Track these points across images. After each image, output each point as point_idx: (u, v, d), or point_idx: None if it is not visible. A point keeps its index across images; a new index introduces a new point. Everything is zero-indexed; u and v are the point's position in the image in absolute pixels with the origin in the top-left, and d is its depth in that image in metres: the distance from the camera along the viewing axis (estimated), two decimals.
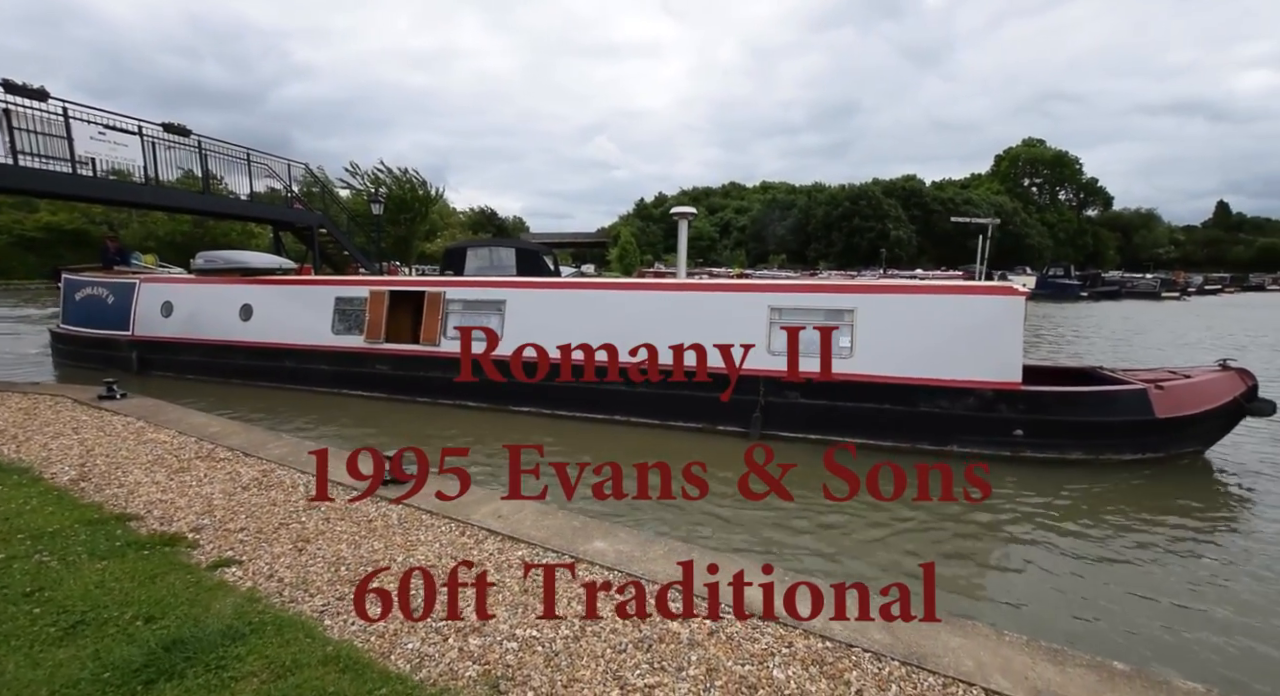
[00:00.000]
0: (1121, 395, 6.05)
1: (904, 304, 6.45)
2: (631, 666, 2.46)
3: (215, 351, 9.70)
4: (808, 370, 6.48)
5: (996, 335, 6.06)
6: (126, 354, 10.33)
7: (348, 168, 29.81)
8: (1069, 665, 2.52)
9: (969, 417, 6.09)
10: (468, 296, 8.30)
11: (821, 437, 6.53)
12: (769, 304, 6.77)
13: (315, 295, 9.17)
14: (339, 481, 4.47)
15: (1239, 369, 6.37)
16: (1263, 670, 3.06)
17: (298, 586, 3.02)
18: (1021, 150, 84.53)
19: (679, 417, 7.11)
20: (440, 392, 8.24)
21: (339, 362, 8.80)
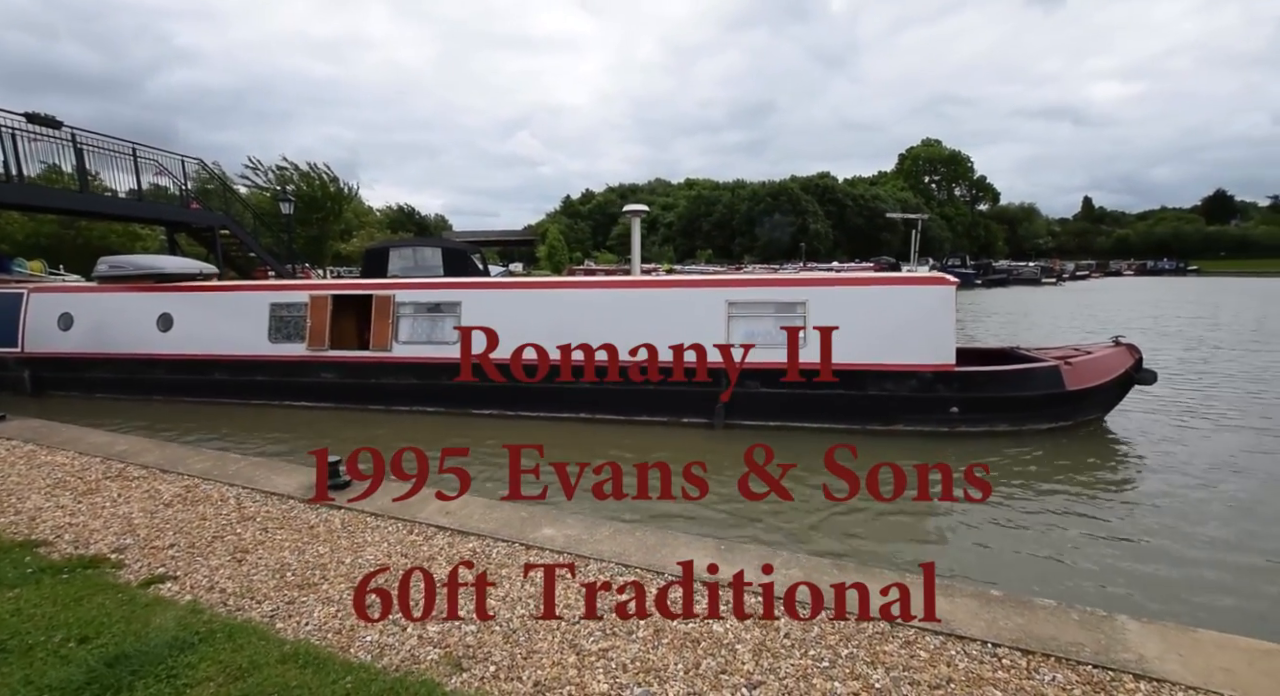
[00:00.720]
0: (1038, 372, 6.67)
1: (851, 295, 6.81)
2: (585, 635, 2.66)
3: (130, 366, 8.78)
4: (768, 361, 6.74)
5: (933, 321, 6.55)
6: (16, 373, 9.14)
7: (248, 163, 27.66)
8: (956, 596, 2.97)
9: (912, 398, 6.56)
10: (420, 299, 7.98)
11: (781, 424, 6.85)
12: (726, 298, 6.99)
13: (247, 301, 8.51)
14: (273, 491, 4.35)
15: (1128, 344, 7.24)
16: (1136, 581, 3.76)
17: (243, 595, 2.99)
18: (921, 150, 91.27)
19: (644, 412, 7.21)
20: (394, 400, 7.94)
21: (278, 373, 8.26)
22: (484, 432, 7.00)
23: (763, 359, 6.80)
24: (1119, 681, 2.34)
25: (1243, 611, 3.44)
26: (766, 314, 6.93)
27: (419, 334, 7.93)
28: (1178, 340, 14.73)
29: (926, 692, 2.28)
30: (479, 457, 6.15)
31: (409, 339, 7.89)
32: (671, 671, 2.41)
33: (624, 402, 7.25)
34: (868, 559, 3.90)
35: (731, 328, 6.94)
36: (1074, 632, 2.64)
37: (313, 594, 3.01)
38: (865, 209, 70.75)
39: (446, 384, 7.68)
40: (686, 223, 75.96)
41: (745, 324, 6.95)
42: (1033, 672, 2.40)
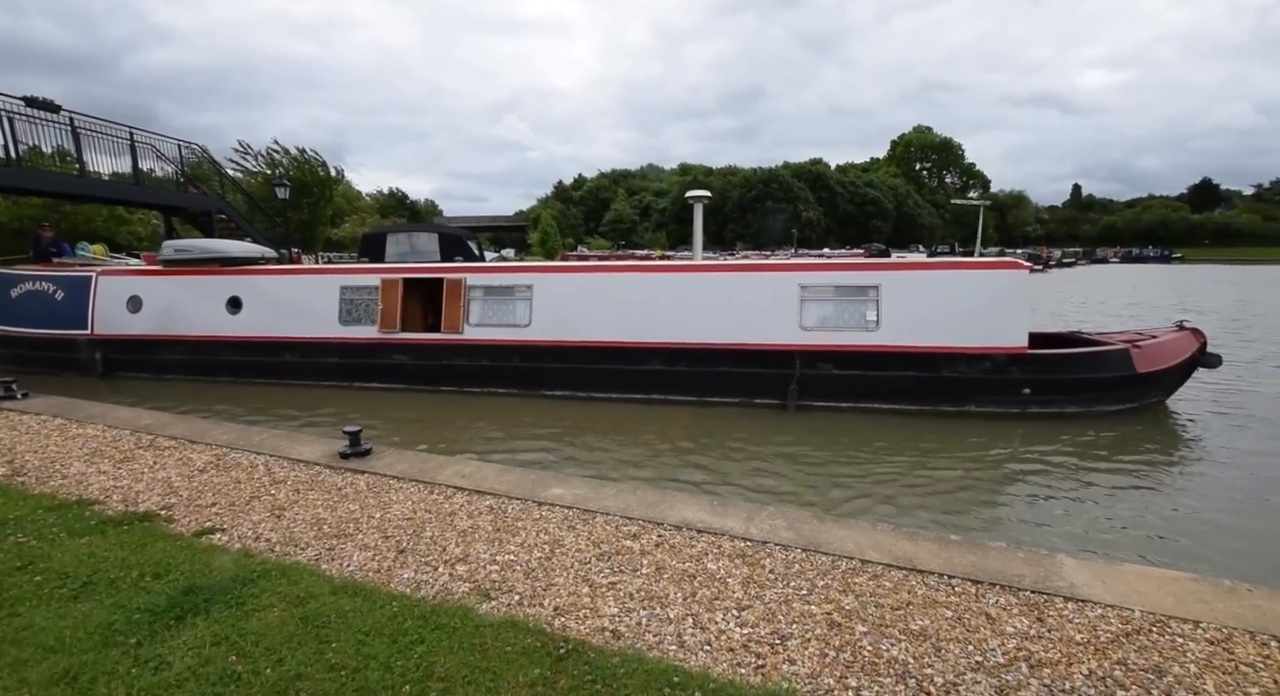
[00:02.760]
0: (1110, 354, 6.82)
1: (924, 279, 6.96)
2: (596, 572, 3.04)
3: (199, 348, 8.93)
4: (841, 344, 6.96)
5: (1006, 305, 6.72)
6: (87, 355, 9.29)
7: (237, 147, 27.44)
8: (920, 540, 3.39)
9: (985, 380, 6.76)
10: (491, 282, 8.13)
11: (853, 405, 7.08)
12: (799, 282, 7.20)
13: (318, 284, 8.64)
14: (299, 459, 4.69)
15: (1193, 328, 7.41)
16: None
17: (287, 544, 3.34)
18: (914, 136, 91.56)
19: (717, 393, 7.41)
20: (466, 381, 8.10)
21: (349, 355, 8.41)
22: (554, 412, 7.27)
23: (835, 341, 7.00)
24: (1051, 603, 2.76)
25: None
26: (839, 297, 7.08)
27: (491, 316, 8.07)
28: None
29: (889, 612, 2.69)
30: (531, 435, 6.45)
31: (480, 321, 8.05)
32: (672, 599, 2.80)
33: (697, 384, 7.43)
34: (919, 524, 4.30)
35: (804, 311, 7.14)
36: (1019, 567, 3.06)
37: (349, 542, 3.37)
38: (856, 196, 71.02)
39: (518, 365, 7.87)
40: (680, 208, 75.87)
41: (817, 307, 7.14)
42: (980, 597, 2.81)
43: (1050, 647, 2.43)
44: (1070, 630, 2.54)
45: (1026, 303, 6.86)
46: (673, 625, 2.59)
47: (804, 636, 2.51)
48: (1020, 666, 2.32)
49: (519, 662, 2.28)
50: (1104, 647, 2.42)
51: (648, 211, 79.65)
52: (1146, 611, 2.65)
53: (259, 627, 2.47)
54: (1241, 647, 2.41)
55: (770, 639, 2.49)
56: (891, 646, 2.44)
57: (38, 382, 8.30)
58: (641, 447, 6.12)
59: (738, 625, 2.59)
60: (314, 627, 2.47)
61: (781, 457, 5.81)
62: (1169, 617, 2.61)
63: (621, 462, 5.74)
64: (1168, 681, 2.23)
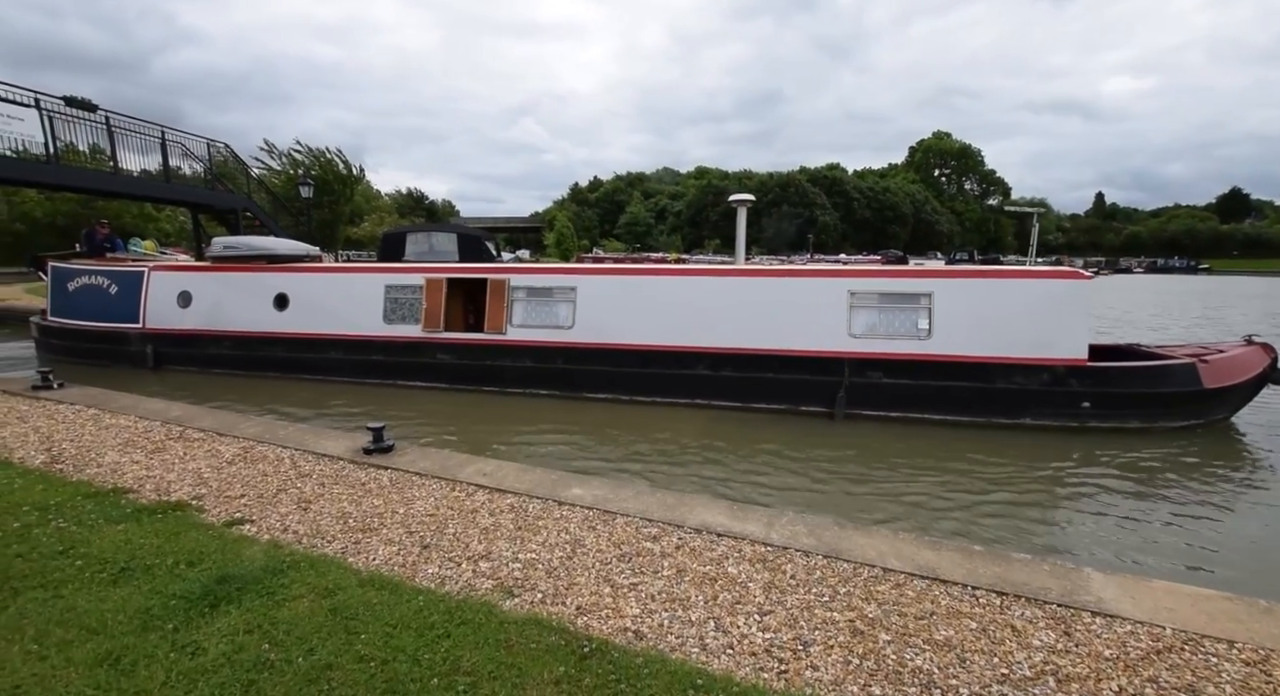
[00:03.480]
0: (1175, 369, 6.56)
1: (979, 287, 6.77)
2: (617, 573, 3.06)
3: (247, 343, 9.11)
4: (891, 352, 6.81)
5: (1066, 315, 6.52)
6: (139, 348, 9.56)
7: (263, 146, 28.02)
8: (943, 550, 3.36)
9: (1042, 392, 6.53)
10: (535, 283, 8.13)
11: (903, 415, 6.92)
12: (849, 289, 7.06)
13: (363, 283, 8.75)
14: (324, 453, 4.77)
15: (1263, 343, 7.08)
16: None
17: (314, 536, 3.40)
18: (932, 142, 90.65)
19: (762, 400, 7.28)
20: (509, 382, 8.12)
21: (393, 353, 8.50)
22: (590, 415, 7.27)
23: (886, 349, 6.86)
24: (1078, 616, 2.72)
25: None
26: (890, 304, 6.95)
27: (534, 318, 8.07)
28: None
29: (912, 621, 2.67)
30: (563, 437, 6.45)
31: (523, 322, 8.05)
32: (694, 601, 2.81)
33: (742, 389, 7.33)
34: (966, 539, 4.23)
35: (853, 317, 7.01)
36: (1044, 579, 3.02)
37: (374, 536, 3.42)
38: (873, 201, 70.47)
39: (561, 367, 7.86)
40: (695, 212, 75.86)
41: (867, 314, 7.00)
42: (1005, 609, 2.78)
43: (1078, 662, 2.40)
44: (1099, 645, 2.51)
45: (1088, 313, 6.63)
46: (695, 627, 2.60)
47: (827, 643, 2.50)
48: (1048, 680, 2.30)
49: (544, 660, 2.31)
50: (1134, 664, 2.39)
51: (663, 214, 79.76)
52: (1178, 629, 2.61)
53: (290, 617, 2.52)
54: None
55: (793, 644, 2.49)
56: (916, 656, 2.43)
57: (88, 374, 8.65)
58: (679, 451, 6.10)
59: (760, 629, 2.59)
60: (343, 619, 2.52)
61: (825, 464, 5.74)
62: (1202, 636, 2.56)
63: (660, 464, 5.72)
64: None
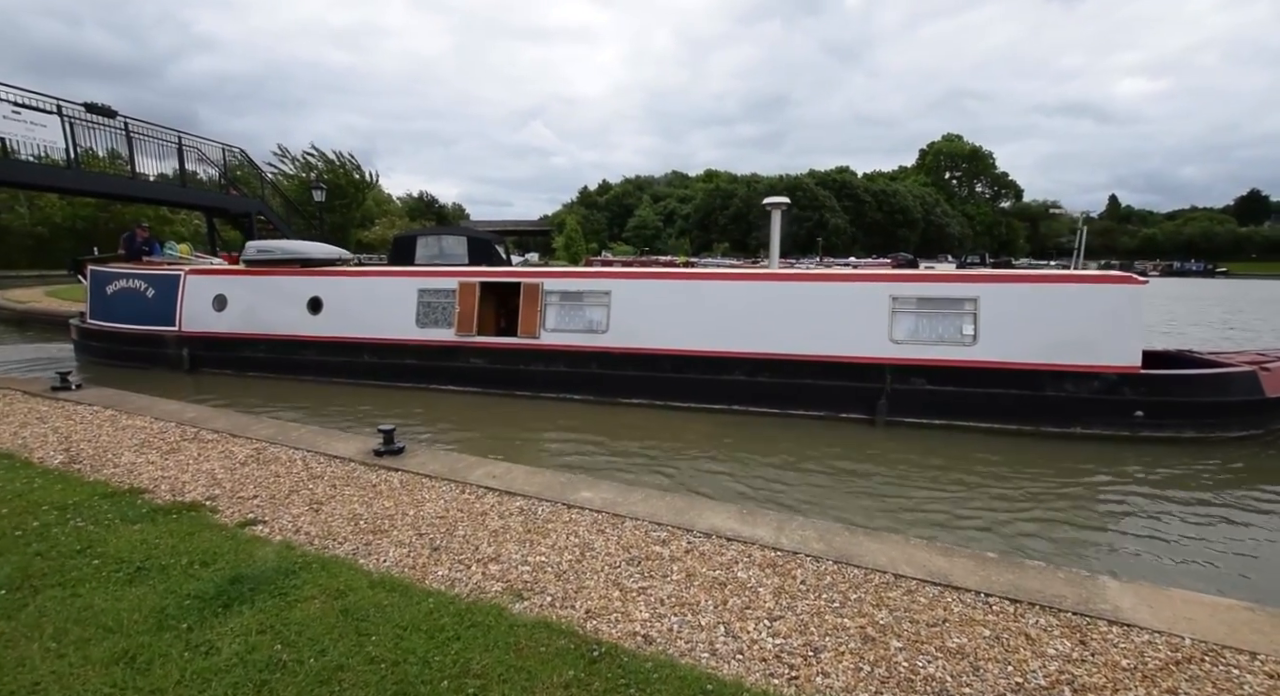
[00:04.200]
0: (1234, 377, 6.34)
1: (1028, 293, 6.60)
2: (626, 576, 3.06)
3: (281, 347, 9.21)
4: (934, 358, 6.70)
5: (1119, 321, 6.35)
6: (175, 351, 9.71)
7: (276, 150, 28.42)
8: (955, 556, 3.32)
9: (1094, 401, 6.38)
10: (569, 287, 8.10)
11: (946, 423, 6.78)
12: (890, 293, 6.93)
13: (396, 287, 8.80)
14: (335, 455, 4.81)
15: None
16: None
17: (325, 537, 3.43)
18: (943, 145, 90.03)
19: (801, 406, 7.21)
20: (542, 386, 8.11)
21: (426, 357, 8.54)
22: (624, 420, 7.22)
23: (929, 355, 6.73)
24: (1094, 625, 2.68)
25: None
26: (933, 309, 6.82)
27: (567, 322, 8.05)
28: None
29: (924, 628, 2.64)
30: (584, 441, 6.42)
31: (556, 327, 8.05)
32: (703, 606, 2.80)
33: (780, 396, 7.24)
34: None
35: (895, 323, 6.88)
36: (1059, 587, 2.98)
37: (385, 538, 3.44)
38: (884, 204, 70.11)
39: (596, 372, 7.83)
40: (703, 216, 75.86)
41: (910, 319, 6.88)
42: (1019, 617, 2.75)
43: (1094, 672, 2.36)
44: (1115, 655, 2.47)
45: (1140, 319, 6.49)
46: (704, 632, 2.59)
47: (837, 649, 2.48)
48: (1063, 690, 2.26)
49: (553, 663, 2.31)
50: (1152, 675, 2.34)
51: (671, 218, 79.81)
52: (1198, 639, 2.56)
53: (302, 618, 2.54)
54: None
55: (803, 650, 2.47)
56: (928, 663, 2.40)
57: (125, 377, 8.91)
58: (724, 458, 6.07)
59: (770, 635, 2.58)
60: (354, 620, 2.54)
61: (871, 469, 5.66)
62: (1222, 647, 2.51)
63: (704, 473, 5.64)
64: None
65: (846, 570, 3.15)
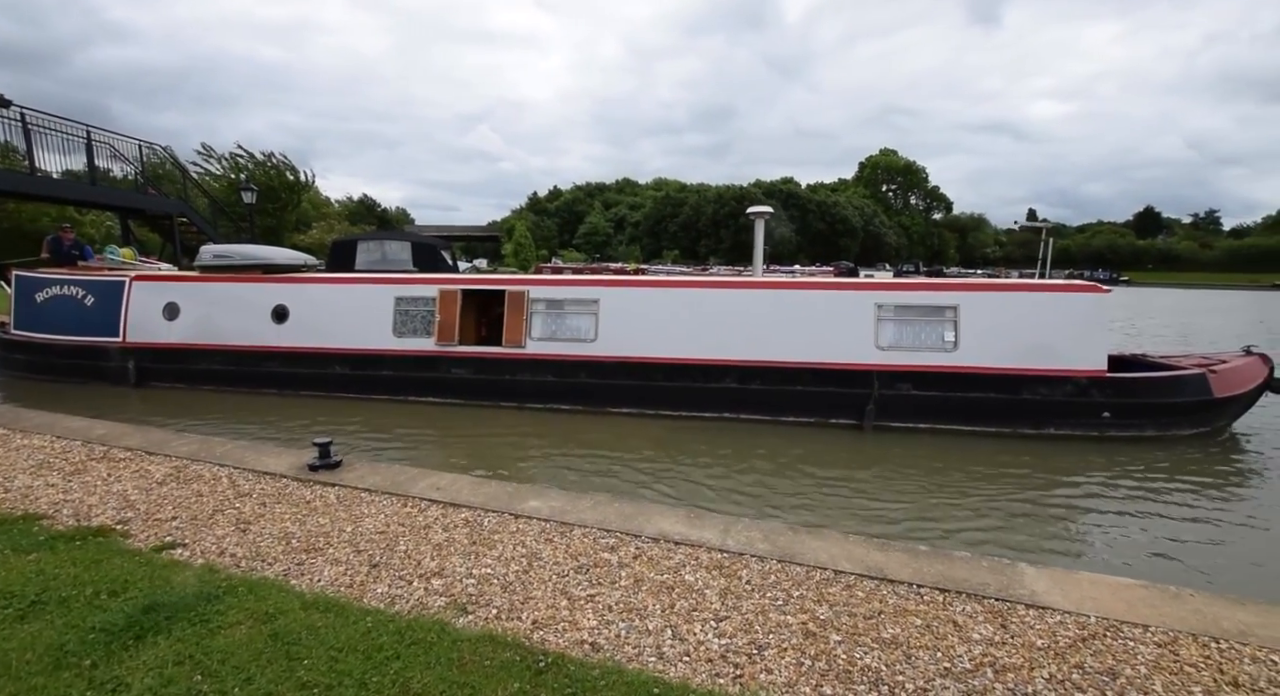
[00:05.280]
0: (1188, 379, 6.78)
1: (1004, 301, 6.90)
2: (574, 584, 3.04)
3: (241, 358, 8.58)
4: (918, 364, 6.90)
5: (1087, 327, 6.70)
6: (119, 363, 8.85)
7: (200, 149, 26.67)
8: (891, 551, 3.48)
9: (1066, 403, 6.70)
10: (555, 295, 7.96)
11: (931, 426, 7.01)
12: (875, 301, 7.13)
13: (370, 295, 8.37)
14: (265, 471, 4.54)
15: (1261, 354, 7.36)
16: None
17: (254, 558, 3.23)
18: (880, 158, 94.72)
19: (790, 413, 7.31)
20: (528, 397, 7.89)
21: (404, 368, 8.16)
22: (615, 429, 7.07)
23: (914, 361, 6.95)
24: (1014, 610, 2.87)
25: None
26: (916, 317, 7.05)
27: (554, 331, 7.87)
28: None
29: (862, 621, 2.76)
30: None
31: (543, 335, 7.85)
32: (651, 610, 2.82)
33: (769, 402, 7.32)
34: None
35: (880, 330, 7.09)
36: (984, 576, 3.18)
37: (320, 557, 3.28)
38: (827, 214, 72.94)
39: (585, 382, 7.68)
40: (653, 223, 76.61)
41: (894, 327, 7.07)
42: (948, 605, 2.91)
43: (1013, 653, 2.53)
44: (1032, 636, 2.65)
45: (1107, 325, 6.90)
46: (652, 636, 2.60)
47: (780, 646, 2.56)
48: (986, 671, 2.41)
49: (498, 677, 2.26)
50: (1063, 652, 2.54)
51: (622, 225, 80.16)
52: (1101, 617, 2.79)
53: (226, 645, 2.39)
54: (1185, 649, 2.56)
55: (748, 649, 2.53)
56: (865, 654, 2.51)
57: (57, 393, 8.17)
58: (731, 465, 6.02)
59: (716, 636, 2.62)
60: (284, 644, 2.41)
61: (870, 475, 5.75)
62: (1121, 622, 2.75)
63: (695, 482, 5.56)
64: (1120, 683, 2.35)
65: (790, 568, 3.25)
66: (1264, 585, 3.87)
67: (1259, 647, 2.57)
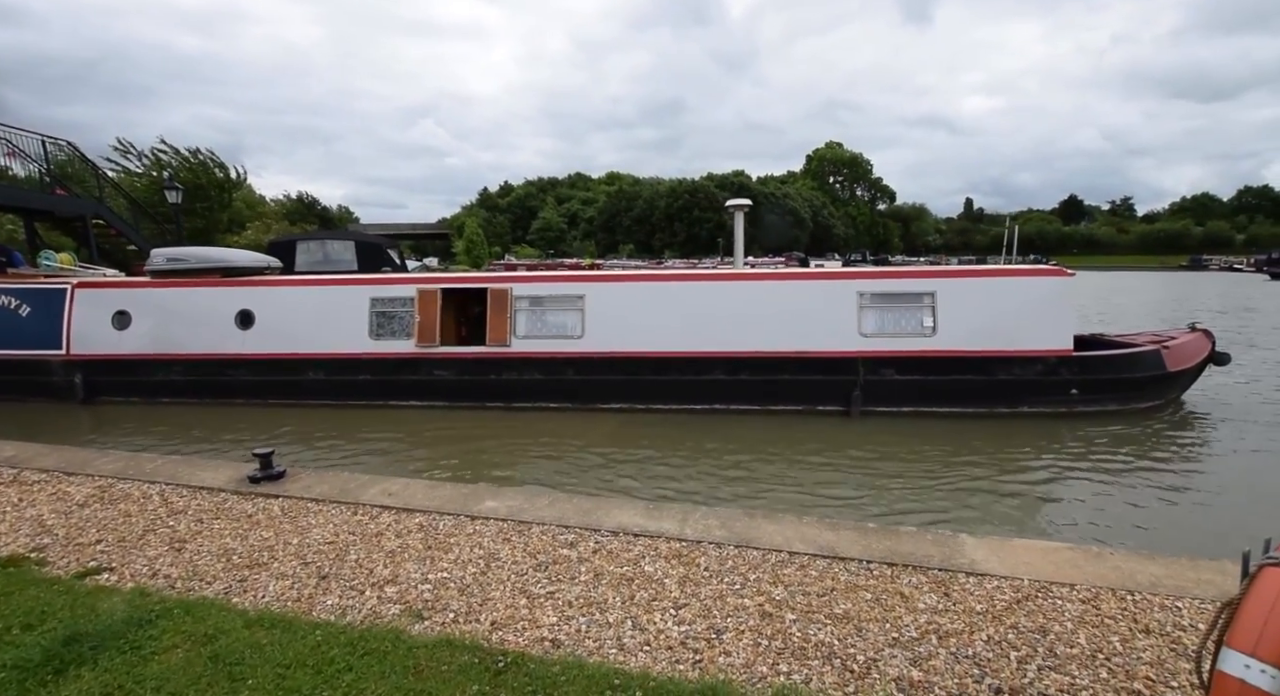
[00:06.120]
0: (1145, 355, 7.21)
1: (978, 286, 7.21)
2: (533, 583, 3.02)
3: (204, 368, 8.01)
4: (901, 350, 7.10)
5: (1055, 309, 7.07)
6: (63, 378, 8.16)
7: (117, 145, 24.76)
8: (841, 530, 3.61)
9: (1038, 382, 7.04)
10: (539, 292, 7.79)
11: (915, 410, 7.23)
12: (857, 290, 7.31)
13: (344, 296, 7.97)
14: (200, 486, 4.30)
15: (1204, 330, 7.94)
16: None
17: (190, 578, 3.06)
18: (826, 151, 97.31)
19: (779, 402, 7.42)
20: (516, 396, 7.70)
21: (383, 371, 7.82)
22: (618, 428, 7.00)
23: (896, 347, 7.13)
24: (955, 578, 3.03)
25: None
26: (896, 304, 7.24)
27: (540, 328, 7.71)
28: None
29: (815, 599, 2.85)
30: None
31: (528, 333, 7.69)
32: (611, 603, 2.83)
33: (760, 393, 7.40)
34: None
35: (863, 318, 7.23)
36: (928, 549, 3.34)
37: (264, 571, 3.14)
38: (778, 207, 74.38)
39: (573, 379, 7.56)
40: (608, 217, 76.32)
41: (876, 314, 7.25)
42: (895, 578, 3.04)
43: (955, 619, 2.67)
44: (972, 602, 2.81)
45: (1073, 307, 7.27)
46: (612, 629, 2.62)
47: (738, 628, 2.61)
48: (931, 638, 2.54)
49: (456, 681, 2.23)
50: (999, 615, 2.70)
51: (575, 220, 79.51)
52: (1033, 579, 2.98)
53: (160, 671, 2.25)
54: (1106, 603, 2.77)
55: (706, 634, 2.58)
56: (818, 631, 2.60)
57: (81, 416, 7.59)
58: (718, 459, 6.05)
59: (675, 623, 2.66)
60: (226, 665, 2.29)
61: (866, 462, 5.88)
62: (1050, 583, 2.94)
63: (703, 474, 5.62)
64: (1050, 639, 2.52)
65: (746, 553, 3.32)
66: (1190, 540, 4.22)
67: (1166, 597, 2.81)
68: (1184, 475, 5.57)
